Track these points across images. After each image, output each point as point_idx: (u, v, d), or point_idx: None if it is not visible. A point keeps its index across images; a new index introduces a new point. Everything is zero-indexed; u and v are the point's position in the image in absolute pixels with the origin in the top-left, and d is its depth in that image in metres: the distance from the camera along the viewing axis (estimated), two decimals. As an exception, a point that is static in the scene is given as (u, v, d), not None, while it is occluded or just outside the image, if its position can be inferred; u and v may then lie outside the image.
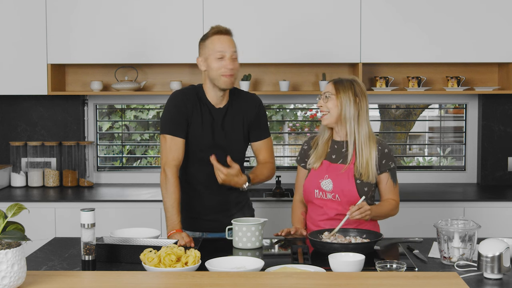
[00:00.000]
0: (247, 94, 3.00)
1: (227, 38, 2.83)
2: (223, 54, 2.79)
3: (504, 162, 4.38)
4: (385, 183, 2.79)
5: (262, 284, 1.88)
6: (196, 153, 2.86)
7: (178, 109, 2.83)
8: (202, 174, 2.87)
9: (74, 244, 2.65)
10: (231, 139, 2.89)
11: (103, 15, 4.06)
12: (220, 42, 2.80)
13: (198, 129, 2.85)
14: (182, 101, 2.84)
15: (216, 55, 2.78)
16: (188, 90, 2.92)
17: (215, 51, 2.79)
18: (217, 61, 2.79)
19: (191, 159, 2.88)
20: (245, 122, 2.92)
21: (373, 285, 1.89)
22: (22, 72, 4.08)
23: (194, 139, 2.85)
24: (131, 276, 1.97)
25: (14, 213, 1.86)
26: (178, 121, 2.82)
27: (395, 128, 5.01)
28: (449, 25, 4.03)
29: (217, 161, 2.74)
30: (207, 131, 2.86)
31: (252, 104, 2.95)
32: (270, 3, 4.03)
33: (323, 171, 2.79)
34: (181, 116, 2.82)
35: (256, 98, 2.99)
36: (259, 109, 2.97)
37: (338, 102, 2.75)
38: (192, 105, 2.85)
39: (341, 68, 4.36)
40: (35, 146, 4.38)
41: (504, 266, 2.11)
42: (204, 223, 2.92)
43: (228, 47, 2.81)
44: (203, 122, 2.86)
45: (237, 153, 2.92)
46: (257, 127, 2.96)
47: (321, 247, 2.46)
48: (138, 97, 4.50)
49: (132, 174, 4.52)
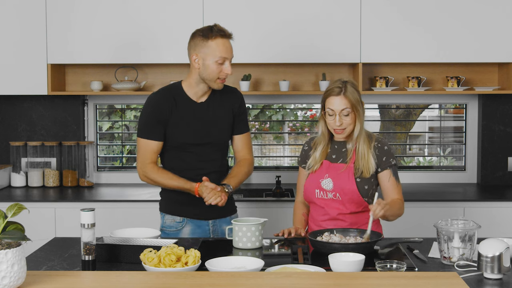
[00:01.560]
0: (227, 87, 3.01)
1: (230, 43, 2.83)
2: (225, 59, 2.79)
3: (504, 162, 4.38)
4: (387, 180, 2.77)
5: (262, 284, 1.88)
6: (179, 147, 2.91)
7: (152, 112, 2.88)
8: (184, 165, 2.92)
9: (74, 244, 2.65)
10: (217, 131, 2.93)
11: (103, 15, 4.06)
12: (225, 47, 2.79)
13: (179, 126, 2.88)
14: (157, 103, 2.88)
15: (217, 59, 2.78)
16: (163, 90, 2.96)
17: (217, 56, 2.78)
18: (217, 65, 2.79)
19: (175, 153, 2.93)
20: (229, 114, 2.96)
21: (373, 285, 1.89)
22: (22, 72, 4.08)
23: (176, 136, 2.89)
24: (131, 276, 1.97)
25: (14, 213, 1.86)
26: (153, 125, 2.88)
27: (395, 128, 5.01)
28: (449, 25, 4.03)
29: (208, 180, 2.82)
30: (189, 127, 2.89)
31: (235, 97, 3.00)
32: (270, 3, 4.03)
33: (324, 170, 2.79)
34: (155, 119, 2.87)
35: (237, 91, 3.04)
36: (241, 102, 3.02)
37: (355, 115, 2.73)
38: (168, 104, 2.88)
39: (341, 68, 4.36)
40: (35, 146, 4.38)
41: (504, 266, 2.11)
42: (186, 209, 2.95)
43: (230, 52, 2.82)
44: (184, 118, 2.88)
45: (224, 145, 3.00)
46: (239, 120, 3.00)
47: (321, 247, 2.46)
48: (138, 97, 4.50)
49: (132, 174, 4.52)
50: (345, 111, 2.71)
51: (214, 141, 2.93)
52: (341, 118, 2.71)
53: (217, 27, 2.81)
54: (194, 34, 2.85)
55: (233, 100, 2.98)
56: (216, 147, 2.95)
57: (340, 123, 2.71)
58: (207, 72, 2.81)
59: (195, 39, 2.83)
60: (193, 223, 2.95)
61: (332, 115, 2.72)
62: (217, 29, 2.79)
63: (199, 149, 2.91)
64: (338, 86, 2.72)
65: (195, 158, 2.92)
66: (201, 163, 2.92)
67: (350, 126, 2.74)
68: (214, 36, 2.78)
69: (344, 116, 2.71)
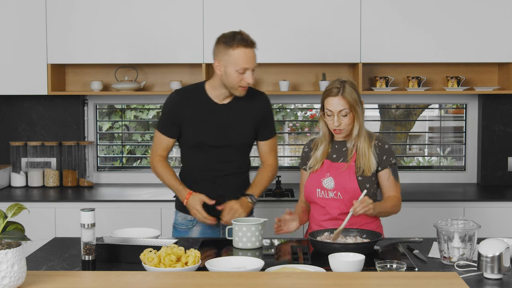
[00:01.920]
0: (254, 91, 2.99)
1: (252, 52, 2.78)
2: (246, 69, 2.77)
3: (504, 162, 4.38)
4: (387, 179, 2.78)
5: (262, 284, 1.88)
6: (195, 147, 2.93)
7: (169, 111, 2.94)
8: (201, 165, 2.94)
9: (74, 244, 2.65)
10: (237, 134, 2.92)
11: (103, 15, 4.06)
12: (247, 57, 2.76)
13: (196, 126, 2.89)
14: (176, 102, 2.93)
15: (238, 69, 2.76)
16: (184, 89, 2.98)
17: (239, 66, 2.75)
18: (238, 74, 2.77)
19: (192, 152, 2.95)
20: (253, 118, 2.94)
21: (373, 285, 1.89)
22: (22, 72, 4.08)
23: (193, 135, 2.91)
24: (131, 276, 1.97)
25: (14, 213, 1.86)
26: (168, 122, 2.94)
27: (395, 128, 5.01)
28: (449, 25, 4.03)
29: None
30: (207, 127, 2.89)
31: (261, 101, 2.97)
32: (270, 3, 4.03)
33: (325, 170, 2.79)
34: (171, 117, 2.92)
35: (263, 96, 3.00)
36: (267, 107, 2.99)
37: (354, 115, 2.73)
38: (186, 105, 2.90)
39: (341, 68, 4.36)
40: (35, 146, 4.38)
41: (504, 266, 2.11)
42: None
43: (253, 62, 2.78)
44: (202, 119, 2.89)
45: (244, 147, 2.97)
46: (264, 126, 2.98)
47: (321, 247, 2.46)
48: (138, 97, 4.50)
49: (132, 174, 4.52)
50: (343, 111, 2.71)
51: (233, 144, 2.92)
52: (340, 119, 2.71)
53: (240, 36, 2.76)
54: (218, 40, 2.82)
55: (258, 104, 2.95)
56: (235, 150, 2.94)
57: (338, 124, 2.71)
58: (228, 80, 2.80)
59: (218, 46, 2.81)
60: (202, 224, 2.96)
61: (331, 115, 2.73)
62: (240, 38, 2.75)
63: (216, 150, 2.92)
64: (336, 87, 2.72)
65: (212, 159, 2.93)
66: (218, 164, 2.93)
67: (349, 126, 2.74)
68: (236, 45, 2.74)
69: (342, 116, 2.71)
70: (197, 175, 2.95)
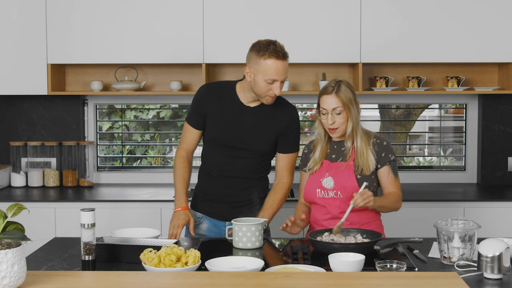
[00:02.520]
0: (285, 101, 2.97)
1: (283, 64, 2.75)
2: (275, 81, 2.75)
3: (504, 162, 4.38)
4: (386, 176, 2.78)
5: (262, 284, 1.88)
6: (213, 142, 2.96)
7: (197, 101, 2.97)
8: (216, 162, 2.97)
9: (74, 244, 2.65)
10: (254, 140, 2.91)
11: (103, 15, 4.06)
12: (277, 69, 2.72)
13: (216, 122, 2.92)
14: (203, 94, 2.97)
15: (267, 79, 2.74)
16: (216, 84, 3.03)
17: (268, 76, 2.73)
18: (266, 84, 2.75)
19: (209, 146, 2.99)
20: (275, 127, 2.92)
21: (373, 285, 1.89)
22: (22, 72, 4.08)
23: (212, 130, 2.95)
24: (131, 276, 1.97)
25: (14, 213, 1.86)
26: (195, 113, 2.97)
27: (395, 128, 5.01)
28: (449, 25, 4.02)
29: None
30: (226, 126, 2.90)
31: (287, 113, 2.94)
32: (270, 3, 4.03)
33: (324, 170, 2.80)
34: (197, 108, 2.96)
35: (293, 108, 2.97)
36: (293, 121, 2.95)
37: (346, 114, 2.73)
38: (213, 98, 2.93)
39: (341, 68, 4.36)
40: (35, 146, 4.38)
41: (504, 266, 2.11)
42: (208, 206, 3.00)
43: (282, 75, 2.75)
44: (223, 116, 2.91)
45: (259, 154, 2.95)
46: (285, 138, 2.95)
47: (321, 247, 2.46)
48: (138, 97, 4.50)
49: (132, 174, 4.52)
50: (337, 109, 2.72)
51: (248, 148, 2.91)
52: (334, 117, 2.72)
53: (274, 47, 2.73)
54: (252, 46, 2.80)
55: (284, 114, 2.93)
56: (249, 154, 2.92)
57: (332, 122, 2.73)
58: (256, 88, 2.79)
59: (251, 53, 2.80)
60: (210, 221, 2.99)
61: (325, 113, 2.74)
62: (273, 49, 2.72)
63: (231, 150, 2.92)
64: (331, 85, 2.75)
65: (225, 159, 2.94)
66: (230, 165, 2.94)
67: (343, 125, 2.75)
68: (268, 55, 2.72)
69: (336, 114, 2.72)
70: (210, 171, 2.98)
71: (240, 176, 2.94)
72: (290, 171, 3.00)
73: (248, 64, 2.81)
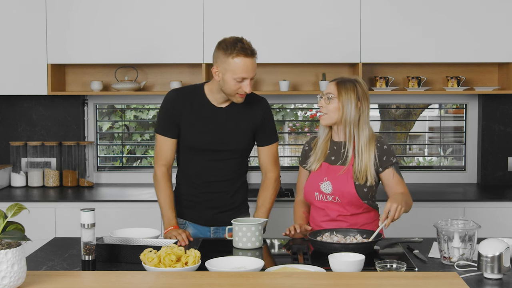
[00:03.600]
0: (254, 96, 2.95)
1: (252, 61, 2.71)
2: (244, 79, 2.72)
3: (504, 162, 4.38)
4: (392, 178, 2.75)
5: (262, 284, 1.88)
6: (192, 149, 2.89)
7: (167, 109, 2.88)
8: (198, 169, 2.91)
9: (74, 244, 2.65)
10: (232, 139, 2.88)
11: (103, 15, 4.06)
12: (245, 67, 2.69)
13: (192, 128, 2.86)
14: (173, 101, 2.87)
15: (236, 78, 2.70)
16: (183, 89, 2.94)
17: (237, 75, 2.70)
18: (235, 82, 2.72)
19: (187, 155, 2.92)
20: (251, 123, 2.90)
21: (373, 285, 1.89)
22: (22, 72, 4.08)
23: (188, 137, 2.87)
24: (131, 276, 1.97)
25: (14, 213, 1.86)
26: (167, 121, 2.87)
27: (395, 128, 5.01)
28: (449, 25, 4.03)
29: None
30: (202, 130, 2.86)
31: (259, 107, 2.92)
32: (270, 3, 4.03)
33: (323, 173, 2.78)
34: (170, 116, 2.87)
35: (263, 101, 2.96)
36: (266, 112, 2.93)
37: (339, 105, 2.71)
38: (184, 104, 2.86)
39: (341, 68, 4.36)
40: (35, 146, 4.38)
41: (504, 266, 2.11)
42: (191, 212, 2.96)
43: (251, 72, 2.72)
44: (197, 121, 2.85)
45: (239, 153, 2.92)
46: (263, 131, 2.94)
47: (321, 247, 2.46)
48: (138, 97, 4.50)
49: (132, 174, 4.52)
50: (329, 95, 2.73)
51: (229, 148, 2.88)
52: (324, 101, 2.74)
53: (241, 44, 2.70)
54: (218, 45, 2.77)
55: (256, 110, 2.91)
56: (231, 154, 2.90)
57: (321, 105, 2.75)
58: (225, 87, 2.75)
59: (218, 52, 2.75)
60: (194, 227, 2.96)
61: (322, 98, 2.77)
62: (240, 47, 2.68)
63: (211, 154, 2.87)
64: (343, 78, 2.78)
65: (207, 163, 2.89)
66: (213, 169, 2.90)
67: (332, 114, 2.73)
68: (235, 54, 2.68)
69: (327, 99, 2.73)
70: (193, 178, 2.92)
71: (224, 179, 2.91)
72: (274, 163, 2.97)
73: (215, 63, 2.76)
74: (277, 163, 2.98)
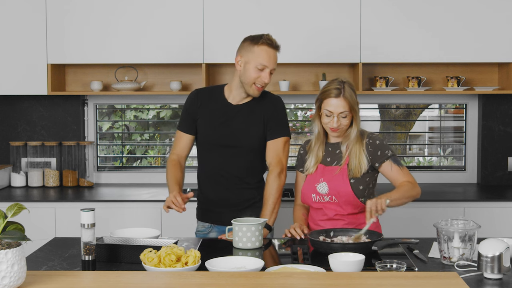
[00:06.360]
0: (270, 94, 3.04)
1: (274, 53, 2.89)
2: (265, 67, 2.85)
3: (504, 162, 4.38)
4: (390, 170, 2.76)
5: (262, 284, 1.88)
6: (208, 146, 3.01)
7: (186, 108, 3.05)
8: (214, 166, 2.99)
9: (74, 244, 2.65)
10: (245, 136, 2.94)
11: (103, 15, 4.06)
12: (268, 55, 2.85)
13: (206, 126, 2.98)
14: (191, 99, 3.05)
15: (258, 65, 2.84)
16: (204, 88, 3.16)
17: (259, 62, 2.84)
18: (256, 70, 2.85)
19: (203, 151, 3.03)
20: (261, 118, 2.96)
21: (373, 285, 1.89)
22: (22, 72, 4.08)
23: (204, 135, 3.00)
24: (131, 276, 1.97)
25: (14, 213, 1.86)
26: (185, 118, 3.05)
27: (395, 128, 5.01)
28: (449, 25, 4.03)
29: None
30: (217, 127, 2.95)
31: (269, 102, 3.00)
32: (270, 4, 4.03)
33: (318, 174, 2.80)
34: (188, 113, 3.03)
35: (276, 97, 3.04)
36: (276, 106, 2.99)
37: (353, 116, 2.75)
38: (200, 102, 3.00)
39: (341, 68, 4.36)
40: (35, 146, 4.38)
41: (504, 266, 2.11)
42: (213, 214, 3.03)
43: (273, 63, 2.88)
44: (212, 119, 2.96)
45: (255, 150, 2.97)
46: (270, 125, 2.96)
47: (321, 247, 2.46)
48: (138, 97, 4.50)
49: (132, 174, 4.52)
50: (343, 113, 2.71)
51: (240, 145, 2.95)
52: (339, 120, 2.71)
53: (267, 36, 2.88)
54: (245, 39, 2.93)
55: (267, 104, 2.98)
56: (244, 151, 2.96)
57: (338, 124, 2.72)
58: (246, 76, 2.87)
59: (244, 43, 2.92)
60: (218, 229, 3.01)
61: (330, 116, 2.72)
62: (266, 38, 2.87)
63: (225, 150, 2.96)
64: (336, 88, 2.72)
65: (220, 160, 2.97)
66: (226, 165, 2.97)
67: (346, 127, 2.76)
68: (261, 43, 2.85)
69: (342, 118, 2.72)
70: (210, 174, 3.01)
71: (237, 175, 2.96)
72: (278, 157, 2.94)
73: (239, 53, 2.91)
74: (280, 159, 2.94)
